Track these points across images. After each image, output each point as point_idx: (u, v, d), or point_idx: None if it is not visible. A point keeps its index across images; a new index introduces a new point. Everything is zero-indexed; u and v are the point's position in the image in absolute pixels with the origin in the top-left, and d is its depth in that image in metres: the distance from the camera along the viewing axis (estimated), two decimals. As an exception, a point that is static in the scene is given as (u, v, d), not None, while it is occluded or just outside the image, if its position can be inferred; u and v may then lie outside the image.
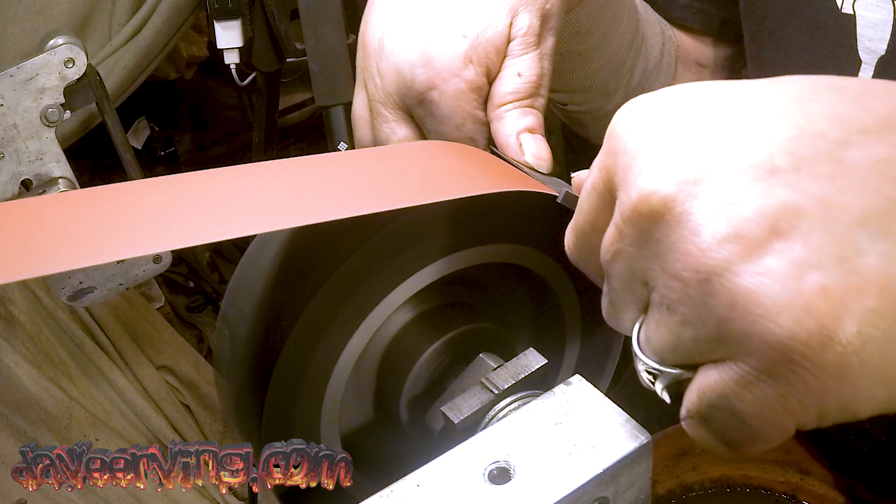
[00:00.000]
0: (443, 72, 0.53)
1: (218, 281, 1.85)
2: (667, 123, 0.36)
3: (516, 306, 0.61)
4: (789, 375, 0.32)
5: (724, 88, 0.37)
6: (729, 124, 0.35)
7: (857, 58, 0.63)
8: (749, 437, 0.36)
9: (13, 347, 1.30)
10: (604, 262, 0.38)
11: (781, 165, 0.33)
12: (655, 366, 0.37)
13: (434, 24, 0.54)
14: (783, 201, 0.32)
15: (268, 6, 1.34)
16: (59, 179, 1.00)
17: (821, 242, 0.32)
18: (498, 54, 0.55)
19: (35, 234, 0.40)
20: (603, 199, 0.38)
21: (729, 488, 0.61)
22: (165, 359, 1.48)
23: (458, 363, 0.54)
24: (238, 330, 0.50)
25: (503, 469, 0.41)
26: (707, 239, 0.32)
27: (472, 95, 0.54)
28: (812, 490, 0.61)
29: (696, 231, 0.33)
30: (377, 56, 0.56)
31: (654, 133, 0.36)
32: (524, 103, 0.55)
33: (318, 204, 0.44)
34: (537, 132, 0.55)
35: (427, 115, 0.55)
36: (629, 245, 0.36)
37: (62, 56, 0.95)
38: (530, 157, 0.54)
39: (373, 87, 0.56)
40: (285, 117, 2.01)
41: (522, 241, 0.55)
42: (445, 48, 0.53)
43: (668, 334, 0.35)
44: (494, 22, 0.54)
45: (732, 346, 0.33)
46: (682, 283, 0.33)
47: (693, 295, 0.33)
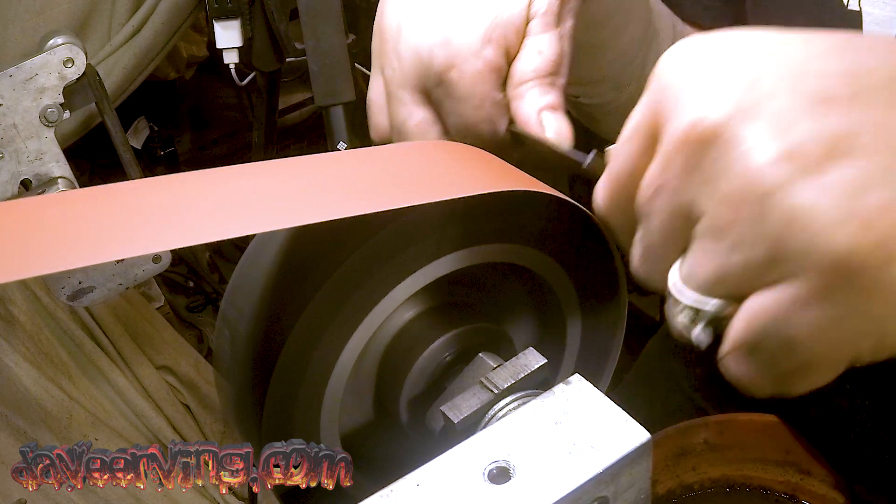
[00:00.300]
0: (462, 51, 0.53)
1: (218, 281, 1.85)
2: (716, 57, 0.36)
3: (516, 306, 0.61)
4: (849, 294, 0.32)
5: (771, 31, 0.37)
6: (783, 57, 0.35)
7: None
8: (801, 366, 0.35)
9: (13, 347, 1.30)
10: (643, 203, 0.38)
11: (836, 94, 0.33)
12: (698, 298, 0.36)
13: (453, 6, 0.54)
14: (839, 126, 0.32)
15: (267, 6, 1.34)
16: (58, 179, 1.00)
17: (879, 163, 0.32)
18: (517, 34, 0.54)
19: (35, 233, 0.40)
20: (645, 140, 0.38)
21: (729, 488, 0.61)
22: (165, 359, 1.48)
23: (458, 363, 0.54)
24: (238, 330, 0.50)
25: (503, 469, 0.41)
26: (761, 158, 0.32)
27: (491, 76, 0.54)
28: (812, 490, 0.61)
29: (750, 152, 0.33)
30: (395, 40, 0.56)
31: (704, 65, 0.36)
32: (545, 80, 0.54)
33: (318, 204, 0.44)
34: (559, 110, 0.54)
35: (446, 96, 0.54)
36: (675, 176, 0.35)
37: (62, 56, 0.95)
38: (552, 133, 0.53)
39: (390, 71, 0.56)
40: (285, 117, 2.02)
41: (522, 241, 0.55)
42: (464, 28, 0.53)
43: (716, 262, 0.35)
44: (513, 2, 0.54)
45: (788, 266, 0.32)
46: (734, 205, 0.33)
47: (746, 216, 0.33)
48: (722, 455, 0.61)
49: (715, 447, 0.61)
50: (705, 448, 0.60)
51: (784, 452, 0.61)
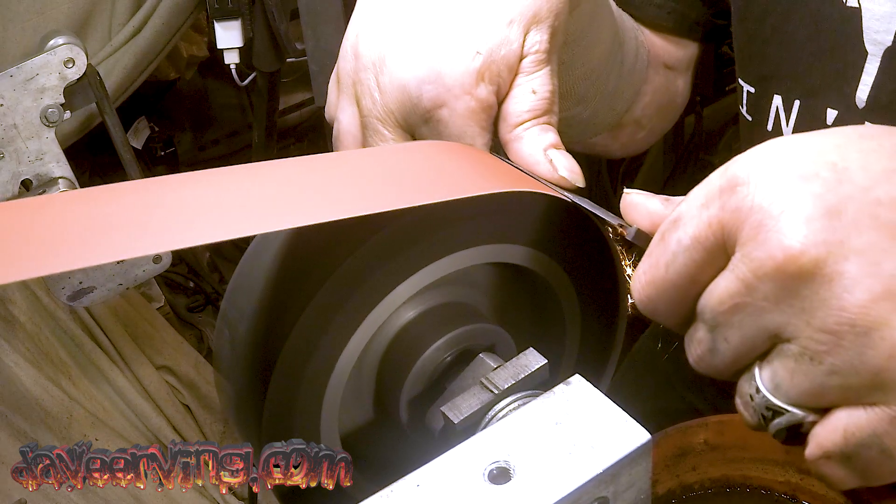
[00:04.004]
0: (454, 89, 0.51)
1: (218, 281, 1.85)
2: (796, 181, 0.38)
3: (516, 306, 0.61)
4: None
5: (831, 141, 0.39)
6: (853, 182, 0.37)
7: (863, 49, 0.63)
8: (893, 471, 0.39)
9: (13, 347, 1.30)
10: (714, 314, 0.40)
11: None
12: (785, 406, 0.39)
13: (443, 40, 0.52)
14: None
15: (268, 6, 1.34)
16: (59, 179, 1.00)
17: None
18: (510, 72, 0.53)
19: (35, 233, 0.40)
20: (709, 254, 0.40)
21: (729, 488, 0.61)
22: (165, 359, 1.48)
23: (458, 363, 0.54)
24: (238, 330, 0.50)
25: (503, 469, 0.41)
26: (864, 296, 0.36)
27: (482, 115, 0.52)
28: (812, 490, 0.61)
29: (852, 289, 0.36)
30: (377, 70, 0.53)
31: (787, 191, 0.37)
32: (541, 120, 0.54)
33: (318, 204, 0.44)
34: (562, 148, 0.54)
35: (433, 135, 0.53)
36: (762, 300, 0.38)
37: (62, 56, 0.95)
38: (565, 172, 0.52)
39: (370, 103, 0.54)
40: (285, 117, 2.01)
41: (522, 242, 0.55)
42: (457, 65, 0.51)
43: (810, 383, 0.38)
44: (509, 39, 0.52)
45: (890, 393, 0.36)
46: (834, 336, 0.36)
47: (847, 347, 0.36)
48: (722, 455, 0.61)
49: (715, 447, 0.60)
50: (705, 448, 0.60)
51: (784, 452, 0.61)
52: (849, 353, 0.36)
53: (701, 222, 0.40)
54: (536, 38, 0.53)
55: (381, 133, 0.54)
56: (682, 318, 0.43)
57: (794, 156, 0.39)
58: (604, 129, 0.83)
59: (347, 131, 0.57)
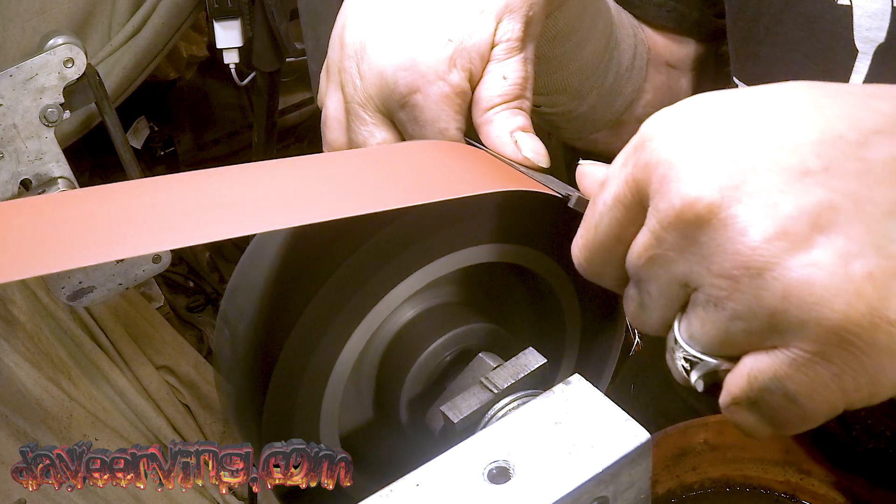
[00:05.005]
0: (427, 75, 0.53)
1: (218, 281, 1.85)
2: (698, 133, 0.38)
3: (516, 306, 0.61)
4: (844, 356, 0.35)
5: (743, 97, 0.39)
6: (757, 130, 0.37)
7: (854, 48, 0.63)
8: (800, 416, 0.38)
9: (13, 347, 1.31)
10: (635, 269, 0.41)
11: (812, 167, 0.36)
12: (699, 356, 0.39)
13: (419, 29, 0.54)
14: (820, 199, 0.35)
15: (267, 6, 1.34)
16: (58, 179, 1.00)
17: (858, 233, 0.35)
18: (482, 59, 0.55)
19: (35, 233, 0.40)
20: (629, 211, 0.40)
21: (729, 488, 0.61)
22: (165, 359, 1.48)
23: (458, 362, 0.54)
24: (238, 330, 0.50)
25: (502, 468, 0.41)
26: (756, 238, 0.35)
27: (456, 99, 0.54)
28: (812, 490, 0.61)
29: (744, 231, 0.35)
30: (358, 58, 0.56)
31: (689, 142, 0.38)
32: (512, 105, 0.55)
33: (318, 204, 0.44)
34: (530, 131, 0.55)
35: (409, 119, 0.55)
36: (669, 249, 0.38)
37: (62, 56, 0.95)
38: (529, 152, 0.54)
39: (351, 89, 0.56)
40: (285, 117, 2.01)
41: (522, 241, 0.55)
42: (430, 52, 0.53)
43: (717, 329, 0.38)
44: (480, 27, 0.54)
45: (787, 334, 0.36)
46: (731, 280, 0.36)
47: (744, 290, 0.36)
48: (722, 455, 0.61)
49: (715, 447, 0.61)
50: (705, 448, 0.60)
51: (784, 452, 0.61)
52: (746, 297, 0.36)
53: (619, 181, 0.40)
54: (508, 27, 0.55)
55: (362, 117, 0.56)
56: (617, 279, 0.43)
57: (698, 110, 0.39)
58: (603, 125, 0.83)
59: (333, 117, 0.59)
